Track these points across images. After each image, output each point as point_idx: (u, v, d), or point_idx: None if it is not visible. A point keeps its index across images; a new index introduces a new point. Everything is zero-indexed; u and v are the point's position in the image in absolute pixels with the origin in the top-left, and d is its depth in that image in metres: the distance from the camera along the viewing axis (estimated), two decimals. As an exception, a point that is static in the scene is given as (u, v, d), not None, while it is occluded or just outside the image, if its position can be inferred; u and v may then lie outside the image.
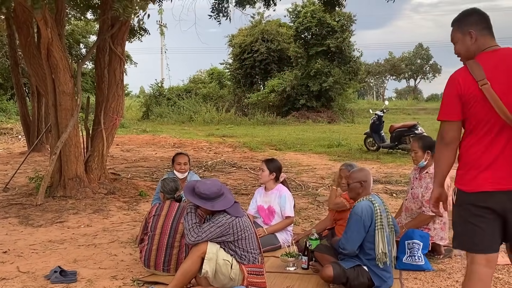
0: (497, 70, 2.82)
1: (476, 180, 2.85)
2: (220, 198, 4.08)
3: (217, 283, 4.02)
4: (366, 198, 4.24)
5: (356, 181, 4.33)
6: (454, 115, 2.90)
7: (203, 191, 4.05)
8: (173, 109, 31.10)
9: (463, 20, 3.00)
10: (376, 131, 14.37)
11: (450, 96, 2.91)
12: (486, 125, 2.83)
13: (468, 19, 2.98)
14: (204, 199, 4.05)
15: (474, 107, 2.83)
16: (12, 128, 20.25)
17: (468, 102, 2.84)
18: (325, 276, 4.17)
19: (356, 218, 4.12)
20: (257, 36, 31.24)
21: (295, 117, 28.25)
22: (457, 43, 3.04)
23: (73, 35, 23.52)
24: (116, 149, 15.58)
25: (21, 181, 9.46)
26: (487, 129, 2.83)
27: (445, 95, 2.95)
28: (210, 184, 4.14)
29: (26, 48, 8.28)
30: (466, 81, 2.84)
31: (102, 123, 8.58)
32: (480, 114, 2.83)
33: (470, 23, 2.96)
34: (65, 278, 4.40)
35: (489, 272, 2.89)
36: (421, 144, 5.04)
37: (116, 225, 6.55)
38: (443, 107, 2.94)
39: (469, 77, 2.84)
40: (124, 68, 9.48)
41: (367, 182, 4.32)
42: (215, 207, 4.03)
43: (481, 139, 2.85)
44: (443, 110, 2.94)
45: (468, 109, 2.85)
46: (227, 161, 12.86)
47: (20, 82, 15.10)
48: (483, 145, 2.85)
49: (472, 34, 2.94)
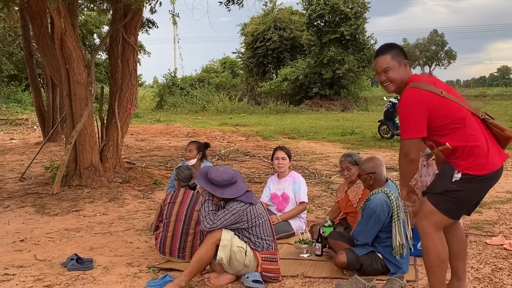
0: (437, 85, 3.28)
1: (488, 165, 3.20)
2: (232, 186, 4.09)
3: (231, 270, 4.05)
4: (382, 190, 4.19)
5: (365, 173, 4.30)
6: (421, 132, 3.21)
7: (215, 177, 4.07)
8: (186, 99, 31.16)
9: (395, 51, 3.39)
10: (390, 118, 14.26)
11: (417, 115, 3.19)
12: (461, 121, 3.19)
13: (400, 51, 3.41)
14: (215, 185, 4.07)
15: (443, 111, 3.19)
16: (28, 119, 20.46)
17: (436, 112, 3.18)
18: (339, 263, 4.18)
19: (371, 213, 4.09)
20: (270, 24, 31.09)
21: (308, 105, 28.13)
22: (391, 71, 3.37)
23: (87, 26, 23.59)
24: (130, 138, 15.69)
25: (37, 171, 9.57)
26: (468, 124, 3.20)
27: (410, 114, 3.22)
28: (223, 171, 4.15)
29: (40, 39, 8.33)
30: (427, 98, 3.19)
31: (116, 112, 8.63)
32: (451, 113, 3.19)
33: (403, 54, 3.39)
34: (81, 266, 4.45)
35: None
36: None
37: (132, 213, 6.61)
38: (410, 126, 3.22)
39: (427, 93, 3.20)
40: (138, 58, 9.50)
41: (377, 173, 4.26)
42: (225, 195, 4.05)
43: (468, 132, 3.19)
44: (410, 128, 3.22)
45: (439, 116, 3.19)
46: (240, 150, 12.89)
47: (34, 73, 15.20)
48: (475, 136, 3.20)
49: (407, 64, 3.39)
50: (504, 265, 4.37)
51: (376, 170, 4.27)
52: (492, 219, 5.90)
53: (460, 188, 3.21)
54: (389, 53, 3.39)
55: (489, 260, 4.51)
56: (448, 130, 3.21)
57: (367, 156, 4.58)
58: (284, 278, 4.16)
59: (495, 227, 5.58)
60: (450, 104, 3.22)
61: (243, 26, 33.88)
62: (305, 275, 4.23)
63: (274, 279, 4.06)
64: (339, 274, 4.21)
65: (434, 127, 3.24)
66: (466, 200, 3.29)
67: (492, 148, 3.25)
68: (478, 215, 6.01)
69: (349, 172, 4.98)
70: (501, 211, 6.30)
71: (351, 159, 4.96)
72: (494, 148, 3.28)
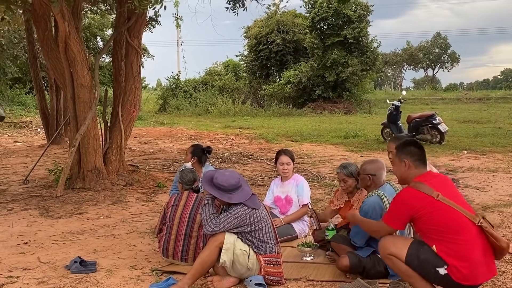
0: (436, 187, 3.39)
1: (470, 277, 3.26)
2: (238, 190, 4.09)
3: (234, 273, 4.05)
4: (376, 193, 4.24)
5: (365, 173, 4.36)
6: (398, 226, 3.50)
7: (221, 182, 4.06)
8: (189, 102, 31.20)
9: (401, 149, 3.63)
10: (394, 121, 14.26)
11: (401, 212, 3.44)
12: (454, 233, 3.28)
13: (406, 149, 3.60)
14: (222, 191, 4.06)
15: (434, 215, 3.32)
16: (31, 122, 20.53)
17: (426, 216, 3.33)
18: (342, 266, 4.20)
19: (363, 215, 4.11)
20: (273, 27, 31.11)
21: (311, 108, 28.11)
22: (394, 165, 3.71)
23: (90, 29, 23.71)
24: (134, 141, 15.72)
25: (40, 174, 9.60)
26: (461, 239, 3.27)
27: (397, 209, 3.47)
28: (229, 175, 4.14)
29: (44, 42, 8.36)
30: (418, 201, 3.36)
31: (120, 115, 8.65)
32: (443, 220, 3.31)
33: (406, 153, 3.58)
34: (85, 268, 4.47)
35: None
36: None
37: (135, 216, 6.63)
38: (392, 217, 3.49)
39: (422, 195, 3.35)
40: (141, 61, 9.52)
41: (376, 176, 4.31)
42: (233, 199, 4.04)
43: (458, 249, 3.27)
44: (391, 218, 3.49)
45: (429, 220, 3.33)
46: (243, 152, 12.89)
47: (38, 76, 15.25)
48: (465, 255, 3.26)
49: (406, 162, 3.57)
50: (507, 269, 4.37)
51: (376, 173, 4.31)
52: (495, 222, 5.89)
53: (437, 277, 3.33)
54: (397, 148, 3.70)
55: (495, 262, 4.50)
56: (437, 235, 3.32)
57: (370, 158, 4.59)
58: (287, 281, 4.16)
59: (499, 230, 5.56)
60: (444, 209, 3.32)
61: (246, 29, 33.91)
62: (308, 278, 4.23)
63: (277, 282, 4.07)
64: (342, 277, 4.22)
65: (423, 228, 3.40)
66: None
67: (483, 262, 3.28)
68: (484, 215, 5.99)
69: (345, 184, 4.96)
70: (504, 214, 6.29)
71: (346, 171, 4.91)
72: (486, 261, 3.30)
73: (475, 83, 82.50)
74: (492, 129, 17.00)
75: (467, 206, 3.44)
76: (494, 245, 3.33)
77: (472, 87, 65.12)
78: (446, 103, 34.18)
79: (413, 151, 3.59)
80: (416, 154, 3.59)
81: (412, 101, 33.75)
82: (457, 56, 70.54)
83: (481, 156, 11.34)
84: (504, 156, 11.27)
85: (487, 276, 3.35)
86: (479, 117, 22.25)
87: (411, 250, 3.41)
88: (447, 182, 3.59)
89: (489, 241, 3.33)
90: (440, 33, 69.63)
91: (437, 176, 3.65)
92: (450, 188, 3.50)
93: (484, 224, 3.31)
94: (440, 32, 69.62)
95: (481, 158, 11.11)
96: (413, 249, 3.40)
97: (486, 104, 31.61)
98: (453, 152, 12.05)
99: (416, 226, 3.49)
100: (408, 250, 3.41)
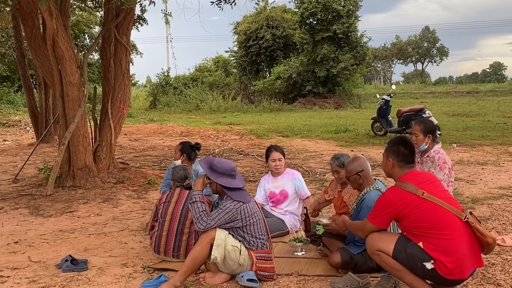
0: (421, 185, 3.43)
1: (455, 271, 3.30)
2: (228, 177, 4.13)
3: (226, 269, 4.06)
4: (373, 188, 4.22)
5: (353, 173, 4.29)
6: (382, 225, 3.54)
7: (216, 163, 4.17)
8: (179, 98, 31.10)
9: (390, 147, 3.68)
10: (383, 115, 14.31)
11: (385, 211, 3.48)
12: (439, 229, 3.32)
13: (394, 148, 3.64)
14: (213, 171, 4.13)
15: (419, 213, 3.36)
16: (20, 120, 20.38)
17: (411, 213, 3.37)
18: (333, 263, 4.21)
19: (368, 211, 4.10)
20: (262, 23, 31.07)
21: (301, 103, 28.14)
22: (382, 160, 3.78)
23: (78, 26, 23.50)
24: (124, 138, 15.66)
25: (30, 172, 9.54)
26: (446, 233, 3.31)
27: (381, 208, 3.51)
28: (226, 161, 4.26)
29: (32, 40, 8.31)
30: (402, 201, 3.40)
31: (110, 113, 8.61)
32: (427, 217, 3.35)
33: (393, 152, 3.63)
34: (76, 267, 4.45)
35: None
36: (423, 128, 4.99)
37: (126, 214, 6.61)
38: (376, 215, 3.53)
39: (407, 194, 3.40)
40: (130, 58, 9.48)
41: (364, 170, 4.28)
42: (218, 180, 4.10)
43: (445, 244, 3.31)
44: (376, 217, 3.53)
45: (414, 217, 3.37)
46: (234, 148, 12.90)
47: (27, 74, 15.15)
48: (451, 250, 3.30)
49: (390, 161, 3.64)
50: (497, 261, 4.41)
51: (363, 168, 4.28)
52: (485, 215, 5.94)
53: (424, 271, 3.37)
54: (387, 145, 3.75)
55: (482, 256, 4.53)
56: (423, 232, 3.36)
57: (349, 159, 4.52)
58: (279, 277, 4.17)
59: (488, 223, 5.62)
60: (429, 207, 3.36)
61: (235, 24, 33.83)
62: (299, 273, 4.25)
63: (269, 277, 4.07)
64: (333, 271, 4.23)
65: (409, 226, 3.44)
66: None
67: (469, 257, 3.32)
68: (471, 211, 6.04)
69: (338, 175, 4.98)
70: (493, 207, 6.34)
71: (338, 162, 4.93)
72: (472, 255, 3.35)
73: (464, 77, 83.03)
74: (481, 123, 17.11)
75: (454, 202, 3.47)
76: (481, 240, 3.36)
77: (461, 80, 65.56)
78: (435, 97, 34.36)
79: (400, 152, 3.61)
80: (403, 155, 3.60)
81: (401, 95, 33.88)
82: (446, 49, 70.83)
83: (470, 149, 11.41)
84: (493, 149, 11.35)
85: (472, 268, 3.38)
86: (468, 110, 22.39)
87: (398, 245, 3.44)
88: (433, 179, 3.61)
89: (476, 236, 3.36)
90: (428, 27, 69.85)
91: (422, 173, 3.70)
92: (435, 185, 3.53)
93: (470, 219, 3.35)
94: (428, 26, 69.86)
95: (470, 151, 11.19)
96: (400, 244, 3.43)
97: (475, 98, 31.81)
98: (443, 145, 12.04)
99: (402, 225, 3.52)
100: (396, 245, 3.44)
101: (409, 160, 3.62)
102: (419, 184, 3.44)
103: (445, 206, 3.37)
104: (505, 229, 5.36)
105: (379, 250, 3.50)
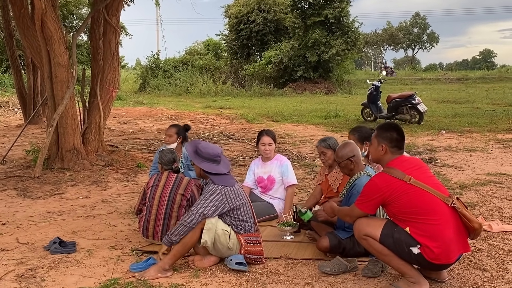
0: (408, 170, 3.46)
1: (441, 255, 3.35)
2: (212, 163, 4.12)
3: (215, 252, 4.07)
4: (364, 173, 4.23)
5: (345, 159, 4.27)
6: (369, 210, 3.57)
7: (201, 148, 4.17)
8: (169, 81, 30.88)
9: (382, 132, 3.66)
10: (374, 101, 14.35)
11: (372, 197, 3.50)
12: (426, 214, 3.35)
13: (387, 133, 3.63)
14: (197, 155, 4.15)
15: (405, 198, 3.39)
16: (8, 101, 20.15)
17: (398, 199, 3.40)
18: (322, 247, 4.23)
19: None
20: (254, 6, 30.87)
21: (292, 88, 28.06)
22: (371, 146, 3.74)
23: (67, 6, 23.21)
24: (113, 121, 15.56)
25: (18, 154, 9.47)
26: (433, 219, 3.35)
27: (369, 194, 3.53)
28: (211, 146, 4.23)
29: (20, 20, 8.18)
30: (389, 187, 3.42)
31: (98, 95, 8.54)
32: (414, 202, 3.39)
33: (385, 138, 3.62)
34: (64, 249, 4.45)
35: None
36: (357, 136, 4.99)
37: (115, 196, 6.59)
38: (364, 201, 3.55)
39: (394, 180, 3.42)
40: (119, 40, 9.38)
41: (355, 155, 4.27)
42: (201, 165, 4.11)
43: (431, 230, 3.35)
44: (363, 203, 3.55)
45: (400, 203, 3.40)
46: (224, 132, 12.87)
47: (15, 55, 14.98)
48: (437, 235, 3.34)
49: (383, 147, 3.62)
50: (483, 246, 4.45)
51: (355, 153, 4.28)
52: (472, 201, 5.99)
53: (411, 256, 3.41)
54: (377, 131, 3.74)
55: (469, 242, 4.58)
56: (409, 218, 3.40)
57: (339, 145, 4.51)
58: (268, 260, 4.19)
59: (475, 209, 5.67)
60: (415, 192, 3.39)
61: (226, 7, 33.58)
62: (288, 256, 4.27)
63: (257, 260, 4.09)
64: (322, 255, 4.26)
65: (395, 211, 3.47)
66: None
67: (455, 242, 3.37)
68: (459, 197, 6.09)
69: (324, 157, 5.02)
70: (481, 193, 6.40)
71: (325, 143, 4.99)
72: (459, 241, 3.40)
73: (454, 64, 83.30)
74: (470, 109, 17.20)
75: (441, 188, 3.50)
76: (467, 225, 3.40)
77: (451, 67, 65.71)
78: (425, 83, 34.41)
79: (393, 137, 3.62)
80: (395, 140, 3.62)
81: (392, 81, 33.91)
82: (436, 36, 71.01)
83: (459, 136, 11.48)
84: (481, 135, 11.43)
85: (459, 253, 3.44)
86: (458, 97, 22.48)
87: (385, 230, 3.46)
88: (420, 165, 3.63)
89: (463, 222, 3.40)
90: (419, 13, 69.95)
91: (410, 159, 3.70)
92: (422, 170, 3.55)
93: (457, 205, 3.38)
94: (419, 12, 69.90)
95: (459, 137, 11.25)
96: (387, 229, 3.46)
97: (464, 85, 31.91)
98: (432, 132, 12.17)
99: (389, 211, 3.54)
100: (383, 230, 3.46)
101: (401, 146, 3.64)
102: (406, 170, 3.46)
103: (432, 192, 3.39)
104: (492, 215, 5.42)
105: (367, 235, 3.52)
